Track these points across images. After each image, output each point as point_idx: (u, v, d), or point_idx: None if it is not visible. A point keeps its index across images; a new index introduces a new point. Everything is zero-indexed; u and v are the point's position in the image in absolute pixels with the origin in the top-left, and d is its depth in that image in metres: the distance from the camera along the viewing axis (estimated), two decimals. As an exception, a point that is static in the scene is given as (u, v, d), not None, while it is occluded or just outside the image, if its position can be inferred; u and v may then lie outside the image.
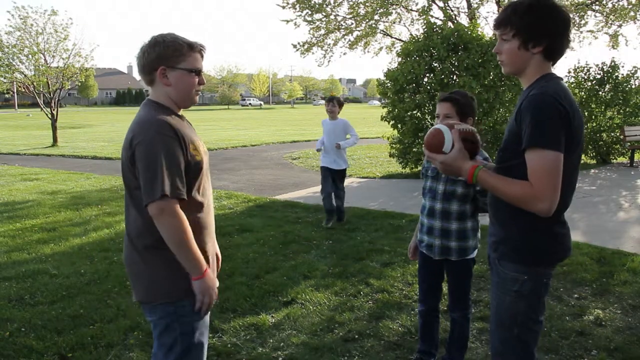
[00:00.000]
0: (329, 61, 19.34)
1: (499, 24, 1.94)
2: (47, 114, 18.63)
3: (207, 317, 2.14)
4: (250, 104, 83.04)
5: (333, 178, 6.46)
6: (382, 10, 15.32)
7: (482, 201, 2.81)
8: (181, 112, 2.17)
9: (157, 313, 2.04)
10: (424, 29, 9.81)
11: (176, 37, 2.03)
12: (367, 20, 15.61)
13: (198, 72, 2.06)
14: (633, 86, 12.10)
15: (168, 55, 1.99)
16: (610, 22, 15.18)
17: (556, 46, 1.90)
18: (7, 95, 65.95)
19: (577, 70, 12.46)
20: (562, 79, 1.93)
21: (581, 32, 15.74)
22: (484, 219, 2.34)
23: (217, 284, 2.10)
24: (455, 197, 2.84)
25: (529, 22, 1.87)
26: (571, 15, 2.13)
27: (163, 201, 1.87)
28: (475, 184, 2.02)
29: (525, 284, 1.92)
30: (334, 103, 6.41)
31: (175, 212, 1.90)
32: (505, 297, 1.98)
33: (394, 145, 10.29)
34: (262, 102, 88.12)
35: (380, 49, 17.79)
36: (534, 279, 1.93)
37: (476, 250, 2.95)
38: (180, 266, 1.97)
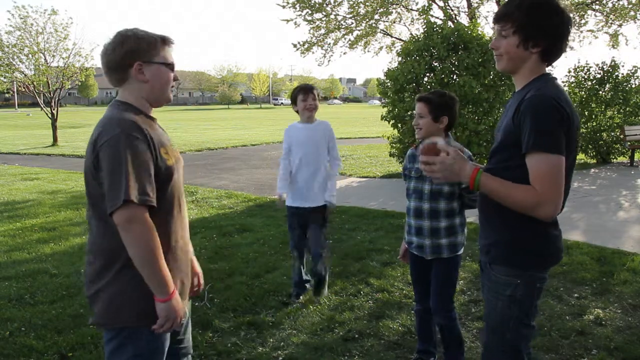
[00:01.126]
0: (329, 61, 19.42)
1: (499, 18, 1.86)
2: (47, 114, 18.65)
3: (167, 342, 1.94)
4: (282, 103, 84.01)
5: (305, 223, 4.04)
6: (382, 9, 15.32)
7: (468, 197, 2.84)
8: (152, 112, 1.99)
9: (110, 333, 1.86)
10: (424, 28, 9.80)
11: (146, 31, 1.89)
12: (367, 19, 15.60)
13: (172, 66, 1.93)
14: (633, 86, 12.08)
15: (143, 49, 1.84)
16: (610, 21, 15.16)
17: (555, 48, 1.85)
18: (7, 95, 65.93)
19: (577, 69, 12.46)
20: (557, 79, 1.88)
21: (581, 32, 15.74)
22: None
23: (185, 310, 1.91)
24: (442, 195, 2.84)
25: (531, 20, 1.80)
26: (571, 15, 2.09)
27: (130, 208, 1.68)
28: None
29: (518, 288, 1.87)
30: (315, 95, 3.96)
31: (144, 222, 1.71)
32: (497, 301, 1.93)
33: (394, 145, 10.28)
34: None
35: (381, 48, 17.78)
36: (527, 283, 1.88)
37: (463, 247, 2.96)
38: (145, 289, 1.77)
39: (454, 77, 9.31)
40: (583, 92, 12.21)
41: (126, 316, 1.82)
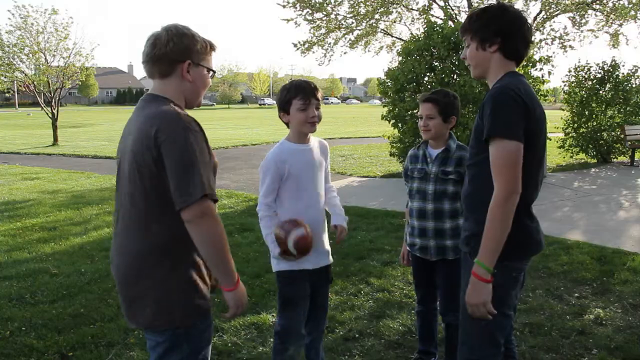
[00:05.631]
0: (329, 60, 19.37)
1: (462, 33, 2.11)
2: (47, 113, 18.64)
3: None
4: (266, 103, 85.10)
5: (318, 291, 2.77)
6: (382, 9, 15.30)
7: None
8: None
9: (164, 335, 1.84)
10: (424, 28, 9.80)
11: (197, 33, 1.92)
12: (367, 19, 15.57)
13: (213, 74, 1.98)
14: (633, 85, 12.08)
15: (196, 50, 1.87)
16: (610, 21, 15.13)
17: (512, 43, 2.01)
18: (7, 95, 65.89)
19: (578, 69, 12.44)
20: (523, 76, 2.04)
21: (582, 31, 15.72)
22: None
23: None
24: (446, 196, 2.80)
25: (481, 24, 2.03)
26: (524, 14, 2.20)
27: (203, 203, 1.69)
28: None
29: (495, 276, 1.97)
30: (320, 100, 2.67)
31: (215, 215, 1.73)
32: None
33: (394, 145, 10.28)
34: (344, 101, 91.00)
35: (381, 48, 17.75)
36: (502, 272, 1.98)
37: None
38: (194, 285, 1.83)
39: (455, 76, 9.31)
40: (583, 92, 12.20)
41: (181, 315, 1.82)
